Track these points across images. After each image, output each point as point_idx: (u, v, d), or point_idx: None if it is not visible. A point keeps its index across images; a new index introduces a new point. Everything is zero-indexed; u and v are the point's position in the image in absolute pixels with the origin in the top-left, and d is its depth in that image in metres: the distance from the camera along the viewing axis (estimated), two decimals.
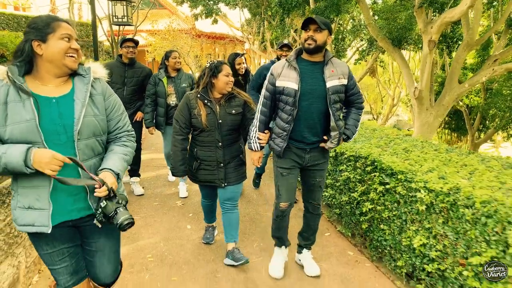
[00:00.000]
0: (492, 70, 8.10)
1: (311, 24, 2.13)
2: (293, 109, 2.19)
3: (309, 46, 2.14)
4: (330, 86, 2.18)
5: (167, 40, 13.99)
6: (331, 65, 2.22)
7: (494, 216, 1.71)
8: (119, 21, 5.78)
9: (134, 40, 3.89)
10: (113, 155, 1.51)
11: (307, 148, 2.30)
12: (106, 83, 1.58)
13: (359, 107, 2.41)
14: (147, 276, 2.52)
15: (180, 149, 2.50)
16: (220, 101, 2.45)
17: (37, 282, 2.42)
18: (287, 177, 2.36)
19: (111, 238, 1.63)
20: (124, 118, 1.61)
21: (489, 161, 2.47)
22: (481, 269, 1.77)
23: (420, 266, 2.21)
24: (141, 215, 3.55)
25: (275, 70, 2.27)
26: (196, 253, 2.83)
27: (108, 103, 1.54)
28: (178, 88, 3.82)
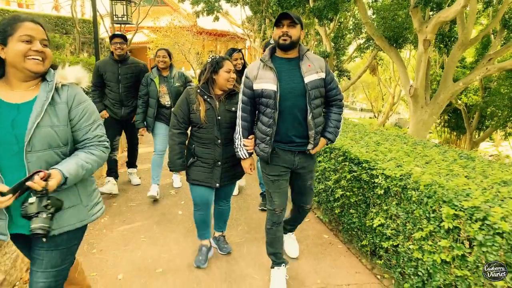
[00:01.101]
0: (486, 69, 8.35)
1: (285, 20, 2.09)
2: (274, 111, 2.13)
3: (284, 42, 2.10)
4: (309, 82, 2.12)
5: (168, 37, 14.32)
6: (307, 60, 2.18)
7: (433, 196, 2.03)
8: (119, 20, 6.11)
9: (122, 36, 3.83)
10: (71, 158, 1.44)
11: (296, 150, 2.24)
12: (77, 90, 1.50)
13: (339, 105, 2.34)
14: (139, 253, 2.87)
15: (177, 143, 2.47)
16: (220, 98, 2.43)
17: None
18: (278, 184, 2.31)
19: (54, 253, 1.50)
20: (95, 128, 1.52)
21: (448, 152, 2.79)
22: (423, 243, 2.09)
23: (379, 244, 2.53)
24: (136, 202, 3.91)
25: (250, 72, 2.22)
26: (185, 235, 3.17)
27: (75, 112, 1.46)
28: (171, 88, 3.78)
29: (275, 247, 2.44)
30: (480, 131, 12.52)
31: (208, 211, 2.64)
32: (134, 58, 4.02)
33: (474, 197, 1.85)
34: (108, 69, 3.80)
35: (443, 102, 8.80)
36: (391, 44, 9.32)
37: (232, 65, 2.41)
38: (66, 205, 1.47)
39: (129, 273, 2.58)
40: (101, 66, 3.82)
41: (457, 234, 1.89)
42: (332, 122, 2.32)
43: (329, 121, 2.32)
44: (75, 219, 1.52)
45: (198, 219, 2.69)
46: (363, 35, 11.79)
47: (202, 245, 2.77)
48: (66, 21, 11.91)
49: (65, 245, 1.53)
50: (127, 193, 4.11)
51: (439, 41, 10.76)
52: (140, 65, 3.98)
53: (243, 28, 16.47)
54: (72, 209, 1.51)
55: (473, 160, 2.63)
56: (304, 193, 2.45)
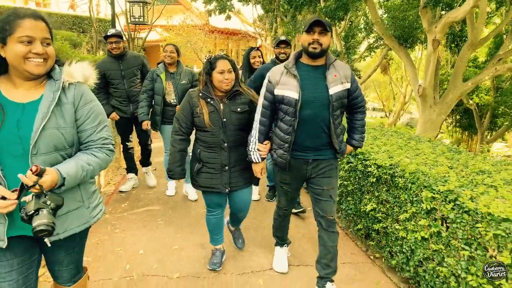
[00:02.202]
0: (495, 70, 8.51)
1: (317, 26, 2.01)
2: (293, 119, 2.09)
3: (314, 51, 2.04)
4: (334, 93, 2.07)
5: (181, 35, 14.76)
6: (334, 69, 2.11)
7: (416, 182, 2.35)
8: (136, 20, 6.53)
9: (117, 35, 3.77)
10: (71, 159, 1.39)
11: (310, 159, 2.20)
12: (84, 89, 1.45)
13: (363, 111, 2.32)
14: (157, 233, 3.25)
15: (178, 150, 2.40)
16: (223, 99, 2.35)
17: None
18: (286, 191, 2.40)
19: (72, 253, 1.58)
20: (100, 130, 1.47)
21: (438, 146, 3.09)
22: (407, 223, 2.41)
23: (371, 227, 2.86)
24: (153, 190, 4.32)
25: (272, 77, 2.17)
26: (198, 219, 3.55)
27: (81, 112, 1.41)
28: (178, 85, 3.70)
29: (280, 232, 2.68)
30: (492, 131, 12.60)
31: (221, 214, 2.65)
32: (131, 52, 4.04)
33: (450, 183, 2.17)
34: (109, 67, 3.79)
35: (451, 101, 8.99)
36: (401, 44, 9.55)
37: (228, 64, 2.30)
38: (71, 207, 1.45)
39: (149, 249, 2.97)
40: (101, 67, 3.74)
41: (434, 214, 2.21)
42: (358, 129, 2.33)
43: (355, 129, 2.34)
44: (79, 221, 1.50)
45: (211, 222, 2.67)
46: (374, 35, 12.02)
47: (216, 249, 2.77)
48: (83, 20, 12.45)
49: (78, 245, 1.60)
50: (145, 182, 4.51)
51: (451, 41, 10.93)
52: (140, 57, 4.03)
53: (255, 26, 16.83)
54: (75, 212, 1.48)
55: (459, 153, 2.93)
56: (321, 200, 2.26)
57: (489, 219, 1.82)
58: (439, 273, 2.14)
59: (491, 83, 11.62)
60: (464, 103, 11.74)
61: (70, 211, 1.45)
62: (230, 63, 2.32)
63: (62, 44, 7.84)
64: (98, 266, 2.70)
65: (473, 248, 1.93)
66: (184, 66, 3.86)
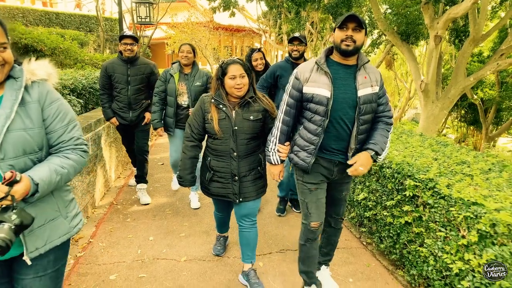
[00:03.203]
0: (497, 65, 8.66)
1: (350, 22, 1.91)
2: (324, 119, 2.00)
3: (347, 48, 1.92)
4: (362, 95, 1.99)
5: (185, 33, 15.04)
6: (364, 71, 2.03)
7: (401, 172, 2.60)
8: (143, 21, 6.81)
9: (133, 37, 3.65)
10: (43, 163, 1.30)
11: (337, 160, 2.13)
12: (48, 87, 1.36)
13: (388, 122, 2.14)
14: (165, 222, 3.55)
15: (189, 157, 2.36)
16: (235, 106, 2.26)
17: (85, 225, 3.49)
18: (316, 193, 2.18)
19: (43, 279, 1.39)
20: (71, 129, 1.38)
21: (427, 140, 3.34)
22: (394, 210, 2.67)
23: (363, 214, 3.12)
24: (161, 183, 4.62)
25: (301, 74, 2.06)
26: (203, 208, 3.84)
27: (48, 111, 1.32)
28: (191, 87, 3.52)
29: (309, 264, 2.30)
30: (498, 126, 12.72)
31: (229, 213, 2.75)
32: (144, 58, 3.88)
33: (430, 172, 2.42)
34: (116, 70, 3.65)
35: (454, 97, 9.16)
36: (403, 40, 9.73)
37: (241, 69, 2.20)
38: (47, 218, 1.35)
39: (158, 236, 3.26)
40: (109, 67, 3.67)
41: (416, 201, 2.46)
42: (378, 135, 2.09)
43: (375, 134, 2.12)
44: (59, 233, 1.40)
45: (218, 219, 2.80)
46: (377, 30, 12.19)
47: (221, 235, 2.94)
48: (90, 19, 12.80)
49: (52, 267, 1.42)
50: (153, 176, 4.81)
51: (454, 36, 11.06)
52: (151, 65, 3.83)
53: (259, 23, 17.03)
54: (53, 222, 1.38)
55: (446, 146, 3.17)
56: (339, 204, 2.33)
57: (461, 203, 2.07)
58: (420, 254, 2.40)
59: (495, 78, 11.74)
60: (469, 98, 11.88)
61: (47, 222, 1.35)
62: (243, 68, 2.22)
63: (71, 44, 8.18)
64: (113, 251, 3.00)
65: (448, 230, 2.19)
66: (199, 68, 3.67)
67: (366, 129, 2.09)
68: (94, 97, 4.75)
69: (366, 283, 2.63)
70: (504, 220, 1.81)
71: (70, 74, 4.41)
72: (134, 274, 2.69)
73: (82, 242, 3.13)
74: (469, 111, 13.20)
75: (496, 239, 1.88)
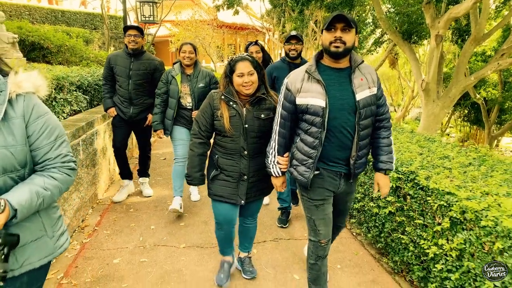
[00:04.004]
0: (498, 64, 8.79)
1: (338, 23, 1.82)
2: (321, 130, 1.90)
3: (337, 50, 1.83)
4: (361, 99, 1.90)
5: (189, 31, 15.28)
6: (359, 73, 1.94)
7: None
8: (147, 19, 7.04)
9: (138, 28, 3.56)
10: (24, 184, 1.21)
11: (342, 172, 2.03)
12: (36, 100, 1.27)
13: (388, 127, 2.09)
14: (166, 212, 3.78)
15: (197, 154, 2.28)
16: (246, 104, 2.21)
17: (90, 214, 3.73)
18: (323, 208, 2.09)
19: None
20: (58, 146, 1.30)
21: (415, 136, 3.53)
22: (379, 201, 2.87)
23: (353, 206, 3.32)
24: (163, 176, 4.87)
25: (292, 84, 1.96)
26: (203, 200, 4.06)
27: (33, 127, 1.24)
28: (194, 89, 3.46)
29: (319, 284, 2.22)
30: (501, 125, 12.82)
31: (231, 229, 2.47)
32: (150, 54, 3.80)
33: (413, 165, 2.62)
34: (119, 62, 3.61)
35: (454, 96, 9.31)
36: (405, 39, 9.88)
37: (249, 66, 2.14)
38: (29, 238, 1.27)
39: (159, 225, 3.49)
40: (112, 59, 3.65)
41: (399, 192, 2.66)
42: (384, 149, 2.08)
43: (379, 148, 2.09)
44: (40, 254, 1.31)
45: (220, 236, 2.53)
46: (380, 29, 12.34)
47: (224, 261, 2.65)
48: (95, 16, 13.08)
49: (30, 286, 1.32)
50: (155, 170, 5.05)
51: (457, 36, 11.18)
52: (156, 62, 3.72)
53: (263, 21, 17.21)
54: (36, 243, 1.30)
55: (433, 142, 3.36)
56: (343, 214, 2.32)
57: (436, 193, 2.27)
58: (402, 241, 2.60)
59: (498, 77, 11.84)
60: (472, 97, 12.00)
61: (28, 242, 1.27)
62: (252, 65, 2.16)
63: (76, 41, 8.44)
64: (116, 238, 3.23)
65: (425, 218, 2.39)
66: (201, 67, 3.59)
67: (367, 134, 2.01)
68: (99, 94, 4.99)
69: (353, 269, 2.83)
70: (472, 207, 2.01)
71: (76, 71, 4.64)
72: (136, 258, 2.91)
73: (88, 230, 3.37)
74: (472, 110, 13.31)
75: (465, 225, 2.08)
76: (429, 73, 9.12)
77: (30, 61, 6.76)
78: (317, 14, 14.05)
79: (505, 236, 1.84)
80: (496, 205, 2.01)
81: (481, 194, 2.13)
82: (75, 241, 3.16)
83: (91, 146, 3.84)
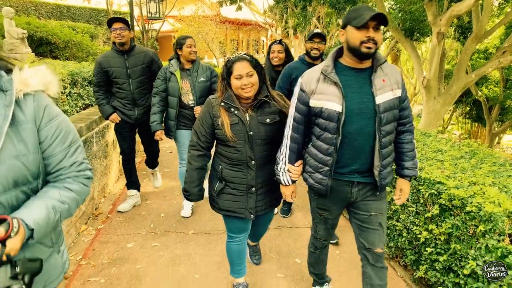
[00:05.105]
0: (498, 62, 8.97)
1: (372, 20, 1.62)
2: (336, 136, 1.76)
3: (369, 51, 1.66)
4: (382, 102, 1.74)
5: (192, 26, 15.46)
6: (381, 72, 1.77)
7: None
8: (153, 16, 7.25)
9: (123, 20, 3.23)
10: (38, 199, 1.07)
11: (355, 180, 1.86)
12: (46, 100, 1.11)
13: (411, 131, 1.95)
14: (175, 202, 4.01)
15: (195, 168, 2.10)
16: (248, 109, 2.02)
17: (103, 203, 3.97)
18: (326, 220, 2.07)
19: None
20: (73, 152, 1.16)
21: None
22: None
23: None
24: (170, 168, 5.12)
25: (306, 84, 1.82)
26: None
27: (46, 131, 1.09)
28: (195, 84, 3.29)
29: (319, 267, 2.33)
30: (502, 123, 13.00)
31: (245, 240, 2.35)
32: (141, 46, 3.52)
33: None
34: (113, 64, 3.30)
35: (455, 93, 9.50)
36: (407, 36, 10.06)
37: (248, 66, 1.94)
38: (44, 257, 1.15)
39: (168, 213, 3.73)
40: (103, 62, 3.31)
41: (395, 182, 2.88)
42: (408, 154, 1.94)
43: (403, 154, 1.95)
44: (55, 273, 1.23)
45: (232, 250, 2.35)
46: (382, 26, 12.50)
47: (239, 284, 2.47)
48: (99, 12, 13.29)
49: None
50: (162, 163, 5.28)
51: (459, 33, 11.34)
52: (150, 53, 3.47)
53: (265, 17, 17.37)
54: (49, 262, 1.18)
55: (429, 136, 3.57)
56: (368, 229, 1.94)
57: (428, 182, 2.49)
58: (396, 228, 2.83)
59: (500, 75, 12.00)
60: (473, 94, 12.17)
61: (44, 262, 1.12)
62: (251, 64, 1.96)
63: (83, 37, 8.67)
64: (129, 225, 3.47)
65: (417, 205, 2.61)
66: (200, 61, 3.44)
67: (390, 141, 1.84)
68: None
69: (350, 255, 3.06)
70: (459, 195, 2.22)
71: (87, 66, 4.86)
72: (148, 243, 3.15)
73: (101, 217, 3.61)
74: (474, 107, 13.48)
75: (453, 211, 2.30)
76: (430, 70, 9.30)
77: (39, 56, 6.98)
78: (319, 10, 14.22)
79: (487, 220, 2.06)
80: (481, 193, 2.23)
81: (469, 184, 2.34)
82: (90, 227, 3.40)
83: (103, 139, 4.07)
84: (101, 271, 2.76)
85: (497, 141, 13.43)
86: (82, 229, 3.34)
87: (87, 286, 2.59)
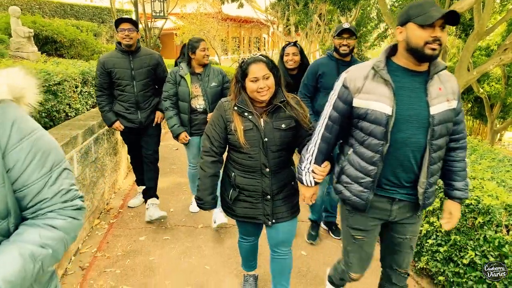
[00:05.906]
0: (500, 59, 9.07)
1: (440, 18, 1.42)
2: (383, 143, 1.57)
3: (434, 52, 1.48)
4: (437, 113, 1.56)
5: (194, 24, 15.56)
6: (438, 80, 1.59)
7: None
8: (157, 15, 7.37)
9: (131, 20, 3.15)
10: (10, 246, 0.81)
11: (397, 197, 1.68)
12: (15, 113, 0.86)
13: (464, 147, 1.78)
14: (183, 197, 4.15)
15: (209, 175, 2.02)
16: (262, 114, 1.93)
17: (113, 198, 4.10)
18: (361, 243, 1.82)
19: None
20: (56, 178, 0.90)
21: None
22: None
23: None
24: (177, 165, 5.25)
25: (351, 81, 1.63)
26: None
27: (15, 155, 0.84)
28: (207, 89, 3.18)
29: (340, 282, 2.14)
30: (504, 120, 13.11)
31: (257, 240, 2.34)
32: (146, 48, 3.47)
33: None
34: (117, 64, 3.19)
35: None
36: None
37: (264, 68, 1.86)
38: None
39: (177, 208, 3.87)
40: (107, 62, 3.20)
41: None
42: (460, 174, 1.76)
43: (454, 173, 1.76)
44: None
45: (244, 248, 2.37)
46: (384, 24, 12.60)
47: (249, 275, 2.55)
48: (103, 10, 13.39)
49: None
50: (168, 159, 5.42)
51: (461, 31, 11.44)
52: (156, 55, 3.39)
53: (267, 14, 17.46)
54: None
55: None
56: (400, 251, 1.85)
57: None
58: None
59: (501, 72, 12.09)
60: (475, 91, 12.27)
61: None
62: (267, 66, 1.87)
63: (87, 35, 8.78)
64: (140, 218, 3.61)
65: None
66: (211, 65, 3.32)
67: (440, 156, 1.66)
68: None
69: None
70: None
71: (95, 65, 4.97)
72: (160, 236, 3.29)
73: (113, 212, 3.75)
74: (475, 104, 13.59)
75: None
76: None
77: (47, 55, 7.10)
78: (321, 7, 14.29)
79: (485, 212, 2.19)
80: (480, 187, 2.36)
81: (469, 178, 2.47)
82: (103, 221, 3.53)
83: (113, 136, 4.20)
84: (116, 262, 2.89)
85: (499, 138, 13.54)
86: (95, 223, 3.47)
87: (104, 276, 2.72)
